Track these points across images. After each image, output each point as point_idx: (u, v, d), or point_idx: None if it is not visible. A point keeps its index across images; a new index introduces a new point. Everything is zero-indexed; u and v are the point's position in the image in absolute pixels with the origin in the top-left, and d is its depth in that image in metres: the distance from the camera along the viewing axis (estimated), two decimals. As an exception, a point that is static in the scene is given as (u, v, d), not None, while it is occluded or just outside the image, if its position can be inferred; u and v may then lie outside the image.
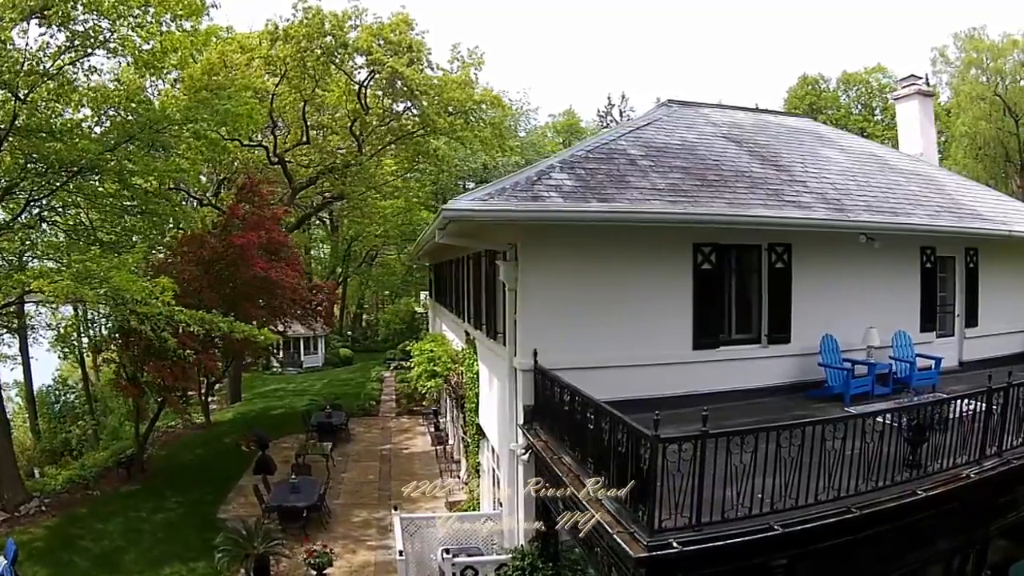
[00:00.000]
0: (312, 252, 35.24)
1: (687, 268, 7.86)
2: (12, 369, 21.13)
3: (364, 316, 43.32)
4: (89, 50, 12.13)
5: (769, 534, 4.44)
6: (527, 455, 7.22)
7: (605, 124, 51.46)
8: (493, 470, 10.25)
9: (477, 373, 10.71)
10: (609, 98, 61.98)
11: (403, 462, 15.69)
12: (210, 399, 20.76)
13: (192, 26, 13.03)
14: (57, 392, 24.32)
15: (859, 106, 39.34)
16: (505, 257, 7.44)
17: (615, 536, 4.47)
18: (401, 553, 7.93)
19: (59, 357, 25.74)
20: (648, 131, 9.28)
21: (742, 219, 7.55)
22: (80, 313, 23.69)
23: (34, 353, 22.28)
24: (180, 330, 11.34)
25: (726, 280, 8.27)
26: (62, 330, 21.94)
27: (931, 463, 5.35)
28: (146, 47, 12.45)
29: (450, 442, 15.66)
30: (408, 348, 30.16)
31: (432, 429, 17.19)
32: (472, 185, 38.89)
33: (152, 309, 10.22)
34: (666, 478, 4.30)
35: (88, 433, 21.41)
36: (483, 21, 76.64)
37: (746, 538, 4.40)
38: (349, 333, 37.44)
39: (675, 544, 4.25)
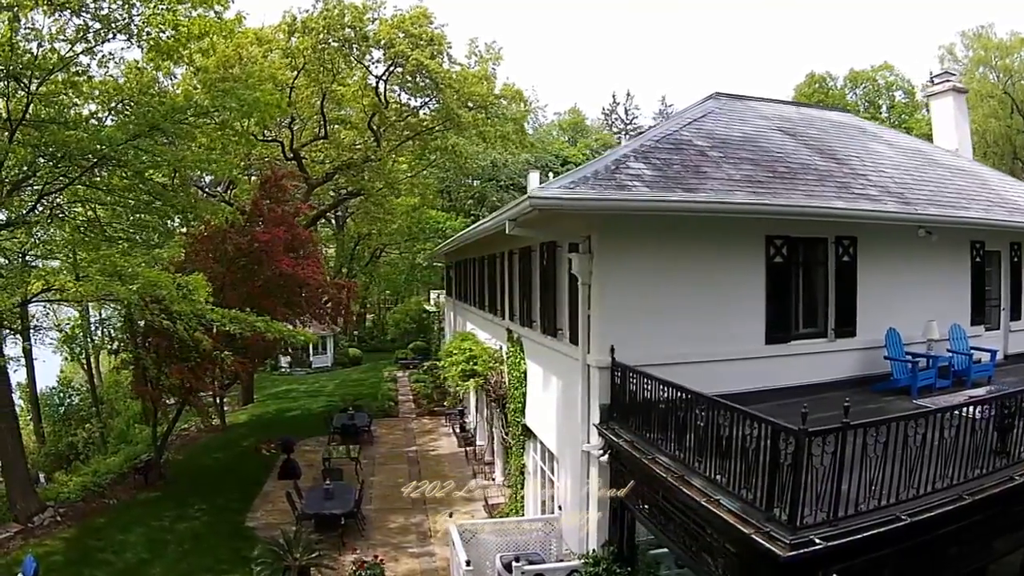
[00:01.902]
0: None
1: (760, 261, 7.69)
2: (15, 371, 20.40)
3: (368, 316, 42.81)
4: (109, 35, 11.61)
5: (897, 524, 4.38)
6: (605, 455, 6.97)
7: (610, 122, 51.56)
8: (543, 471, 9.99)
9: (524, 372, 10.44)
10: (614, 96, 60.65)
11: (431, 464, 15.33)
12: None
13: (217, 14, 12.58)
14: (61, 394, 23.55)
15: (865, 104, 39.71)
16: (578, 250, 7.20)
17: (753, 536, 4.26)
18: (469, 563, 7.62)
19: (65, 358, 24.95)
20: (707, 123, 9.11)
21: (823, 211, 7.41)
22: (85, 313, 23.00)
23: (36, 354, 21.55)
24: (215, 330, 10.91)
25: (795, 273, 8.11)
26: (68, 331, 21.24)
27: (1018, 450, 5.37)
28: (167, 34, 11.97)
29: (479, 443, 15.36)
30: (418, 347, 30.05)
31: (457, 430, 16.88)
32: (478, 183, 38.56)
33: (188, 307, 9.78)
34: (810, 473, 4.13)
35: (95, 436, 20.74)
36: (484, 18, 76.37)
37: (877, 530, 4.33)
38: (356, 333, 36.94)
39: (817, 541, 4.10)
